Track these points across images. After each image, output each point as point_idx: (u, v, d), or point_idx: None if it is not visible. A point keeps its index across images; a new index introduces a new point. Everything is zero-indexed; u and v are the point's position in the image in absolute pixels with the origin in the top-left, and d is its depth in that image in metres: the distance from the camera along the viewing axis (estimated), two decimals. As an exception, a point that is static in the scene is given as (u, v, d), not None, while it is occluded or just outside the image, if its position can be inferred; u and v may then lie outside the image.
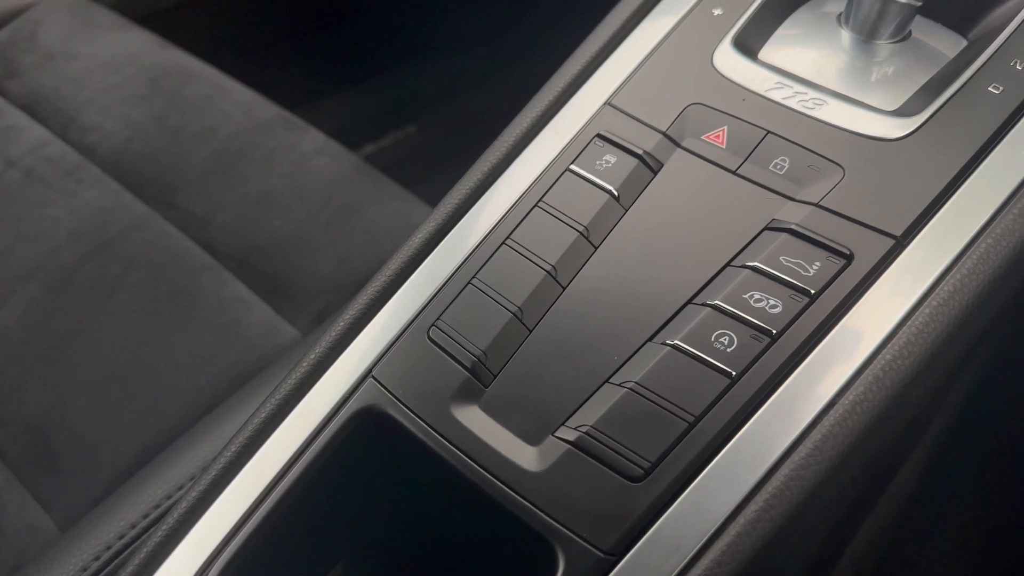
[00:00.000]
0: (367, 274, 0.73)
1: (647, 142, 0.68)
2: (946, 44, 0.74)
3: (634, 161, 0.67)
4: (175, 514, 0.66)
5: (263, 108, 1.18)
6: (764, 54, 0.73)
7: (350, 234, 1.01)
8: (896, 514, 0.92)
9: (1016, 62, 0.67)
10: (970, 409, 0.91)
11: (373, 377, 0.64)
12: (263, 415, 0.67)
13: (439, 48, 2.09)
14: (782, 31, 0.76)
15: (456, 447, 0.60)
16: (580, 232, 0.64)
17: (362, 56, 2.02)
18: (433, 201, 0.79)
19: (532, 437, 0.60)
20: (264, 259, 1.00)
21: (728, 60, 0.71)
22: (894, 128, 0.65)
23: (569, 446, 0.58)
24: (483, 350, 0.61)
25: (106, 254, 1.02)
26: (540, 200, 0.67)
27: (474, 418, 0.61)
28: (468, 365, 0.61)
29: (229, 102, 1.18)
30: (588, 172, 0.67)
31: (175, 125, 1.14)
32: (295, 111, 1.90)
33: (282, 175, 1.07)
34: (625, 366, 0.59)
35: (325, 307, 0.95)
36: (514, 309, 0.62)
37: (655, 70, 0.72)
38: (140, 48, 1.26)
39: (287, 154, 1.09)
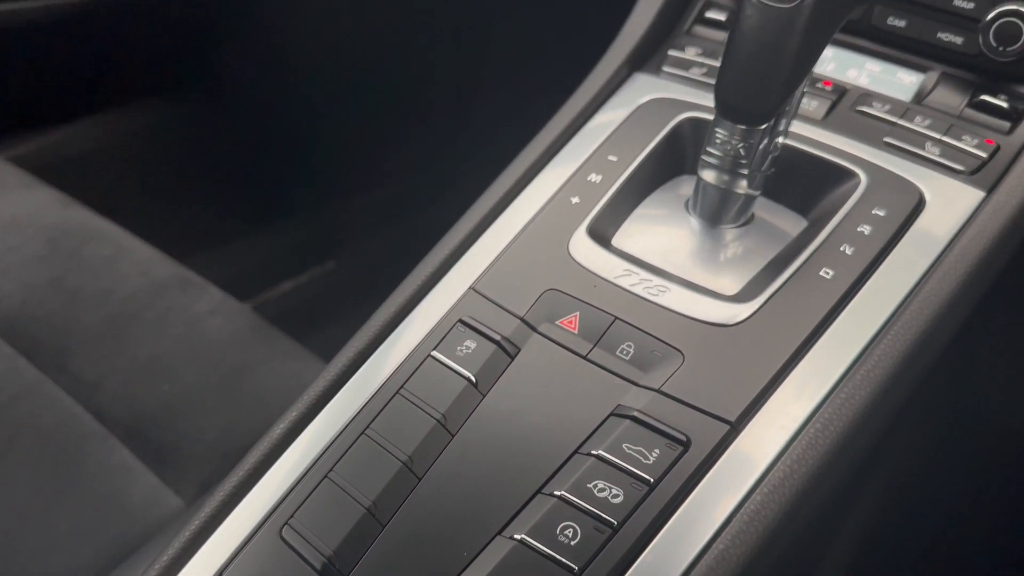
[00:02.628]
0: (253, 439, 0.73)
1: (506, 327, 0.71)
2: (789, 224, 0.80)
3: (492, 347, 0.70)
4: None
5: (161, 267, 1.19)
6: (617, 239, 0.78)
7: (239, 397, 1.02)
8: None
9: (846, 247, 0.73)
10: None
11: None
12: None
13: (358, 186, 2.15)
14: (636, 215, 0.81)
15: None
16: (437, 420, 0.66)
17: (279, 195, 2.07)
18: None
19: None
20: (152, 425, 1.00)
21: (582, 247, 0.75)
22: (731, 313, 0.69)
23: None
24: (333, 551, 0.62)
25: (-7, 421, 1.01)
26: (401, 387, 0.69)
27: None
28: (318, 567, 0.62)
29: (128, 262, 1.20)
30: (449, 358, 0.70)
31: (72, 287, 1.15)
32: (212, 252, 1.94)
33: (174, 337, 1.08)
34: (474, 563, 0.60)
35: (210, 475, 0.95)
36: (367, 504, 0.63)
37: (516, 256, 0.76)
38: (41, 207, 1.28)
39: (181, 315, 1.11)
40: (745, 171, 0.73)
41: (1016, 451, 1.35)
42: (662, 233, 0.78)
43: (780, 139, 0.73)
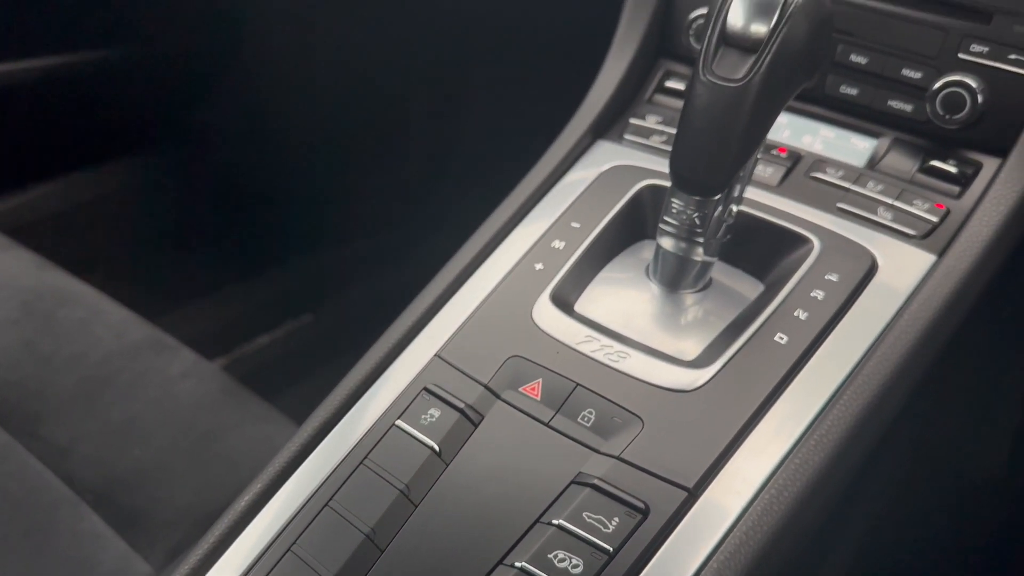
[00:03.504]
0: (223, 504, 0.74)
1: (470, 395, 0.72)
2: (747, 288, 0.82)
3: (456, 415, 0.71)
4: None
5: (135, 329, 1.20)
6: (580, 305, 0.80)
7: (210, 462, 1.02)
8: None
9: (800, 312, 0.74)
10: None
11: None
12: None
13: (334, 238, 2.17)
14: (599, 279, 0.83)
15: None
16: (400, 491, 0.67)
17: (256, 249, 2.08)
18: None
19: None
20: (122, 491, 1.00)
21: (545, 314, 0.77)
22: (689, 379, 0.71)
23: None
24: None
25: (-37, 490, 1.00)
26: (365, 457, 0.70)
27: None
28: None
29: (102, 324, 1.20)
30: (413, 427, 0.71)
31: (45, 351, 1.16)
32: (189, 307, 1.95)
33: (147, 401, 1.09)
34: None
35: (180, 541, 0.95)
36: (330, 577, 0.64)
37: (481, 323, 0.78)
38: (15, 270, 1.29)
39: (154, 378, 1.11)
40: (701, 239, 0.75)
41: (988, 499, 1.37)
42: (624, 298, 0.80)
43: (734, 207, 0.75)
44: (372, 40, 1.96)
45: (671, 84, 0.99)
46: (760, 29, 0.66)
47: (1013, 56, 0.80)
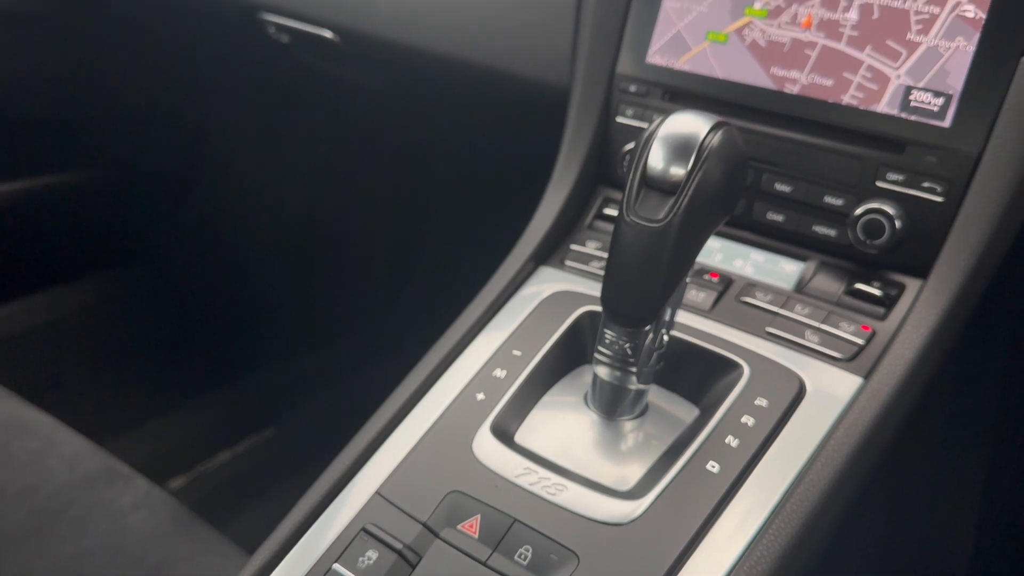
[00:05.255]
0: None
1: (408, 534, 0.73)
2: (683, 412, 0.84)
3: (394, 556, 0.71)
4: None
5: (89, 459, 1.20)
6: (521, 434, 0.81)
7: (160, 598, 1.01)
8: None
9: (731, 439, 0.76)
10: None
11: None
12: None
13: (292, 350, 2.18)
14: (540, 406, 0.84)
15: None
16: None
17: (215, 364, 2.08)
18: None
19: None
20: (70, 630, 0.98)
21: (485, 446, 0.78)
22: (624, 512, 0.72)
23: None
24: None
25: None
26: (304, 602, 0.70)
27: None
28: None
29: (56, 455, 1.20)
30: (350, 571, 0.71)
31: (-2, 484, 1.15)
32: (148, 425, 1.94)
33: (96, 535, 1.08)
34: None
35: None
36: None
37: (422, 457, 0.79)
38: (-30, 400, 1.29)
39: (105, 511, 1.11)
40: (634, 368, 0.77)
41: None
42: (564, 425, 0.81)
43: (665, 336, 0.78)
44: (335, 160, 2.02)
45: (610, 211, 1.02)
46: (678, 172, 0.69)
47: (927, 184, 0.84)
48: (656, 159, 0.70)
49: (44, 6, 1.68)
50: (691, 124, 0.71)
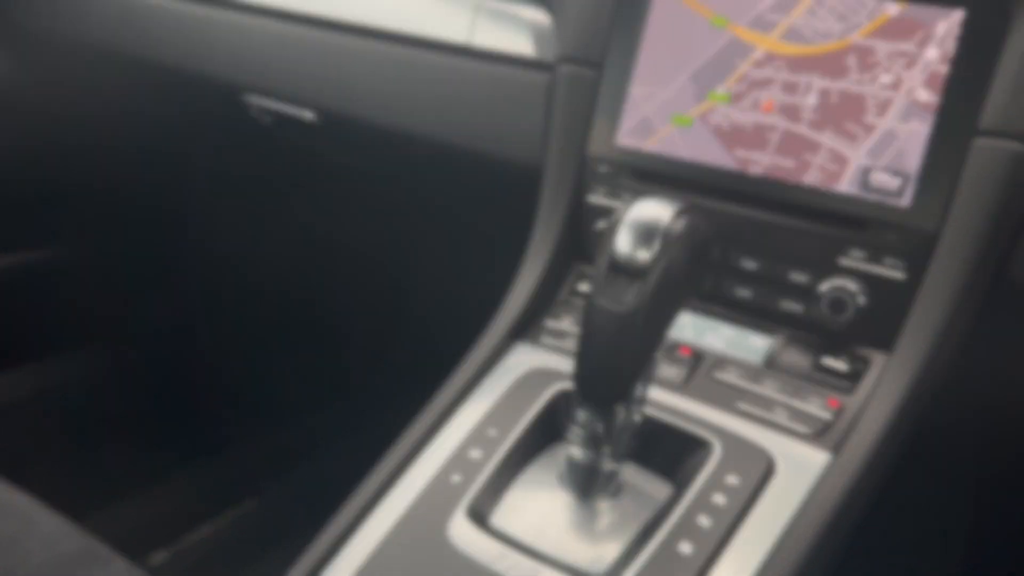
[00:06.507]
0: None
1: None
2: (657, 490, 0.85)
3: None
4: None
5: (67, 540, 1.19)
6: (496, 516, 0.82)
7: None
8: None
9: (703, 518, 0.77)
10: None
11: None
12: None
13: (272, 421, 2.17)
14: (516, 485, 0.85)
15: None
16: None
17: (196, 437, 2.07)
18: None
19: None
20: None
21: (460, 530, 0.79)
22: (597, 596, 0.72)
23: None
24: None
25: None
26: None
27: None
28: None
29: (34, 537, 1.19)
30: None
31: (-28, 568, 1.14)
32: (130, 499, 1.92)
33: (74, 619, 1.07)
34: None
35: None
36: None
37: (396, 545, 0.79)
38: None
39: (83, 594, 1.10)
40: (607, 447, 0.78)
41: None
42: (539, 506, 0.82)
43: (636, 416, 0.79)
44: (317, 235, 2.05)
45: (583, 287, 1.04)
46: (643, 256, 0.72)
47: (888, 261, 0.87)
48: (622, 244, 0.73)
49: (26, 84, 1.72)
50: (655, 210, 0.73)
